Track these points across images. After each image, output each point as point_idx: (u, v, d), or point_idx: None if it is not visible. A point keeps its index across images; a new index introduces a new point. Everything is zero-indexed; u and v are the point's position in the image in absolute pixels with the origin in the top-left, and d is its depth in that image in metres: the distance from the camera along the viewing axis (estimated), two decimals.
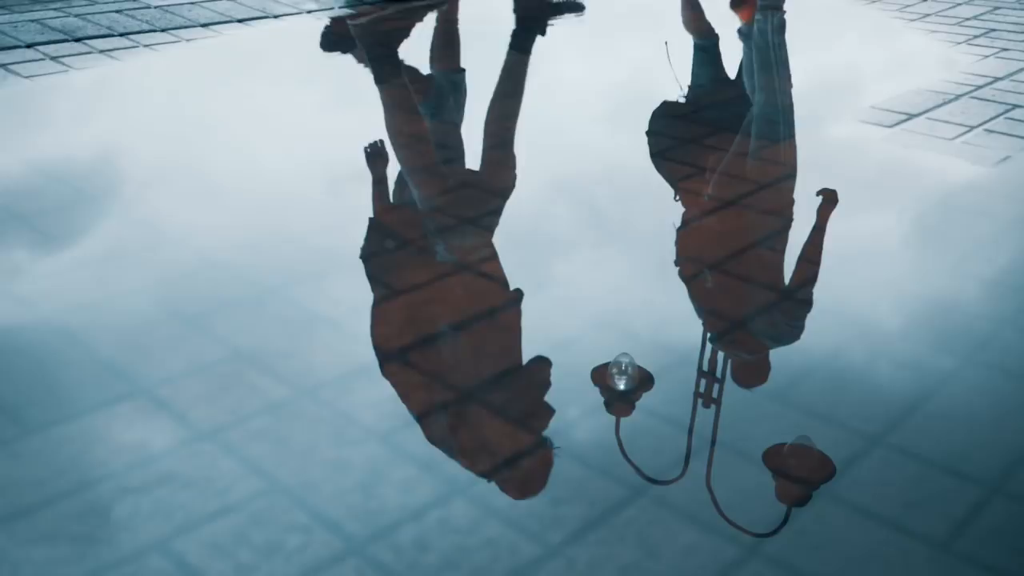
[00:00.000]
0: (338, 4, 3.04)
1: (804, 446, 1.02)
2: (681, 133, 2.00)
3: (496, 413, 1.07)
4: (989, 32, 2.84)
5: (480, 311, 1.29)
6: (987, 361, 1.17)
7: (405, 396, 1.10)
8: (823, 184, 1.73)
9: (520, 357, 1.20)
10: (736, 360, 1.21)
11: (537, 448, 1.02)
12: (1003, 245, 1.50)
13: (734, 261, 1.43)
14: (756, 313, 1.30)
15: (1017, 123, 2.02)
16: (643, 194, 1.71)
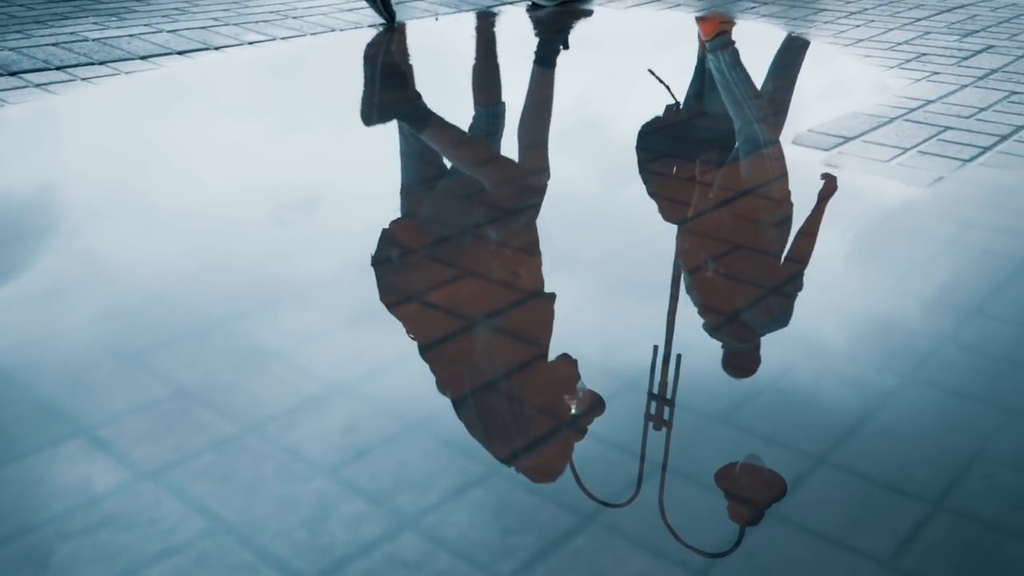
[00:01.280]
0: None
1: (755, 465, 1.03)
2: (667, 147, 2.02)
3: (519, 400, 1.10)
4: (920, 56, 2.92)
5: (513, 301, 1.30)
6: (927, 379, 1.19)
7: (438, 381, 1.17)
8: (763, 206, 1.76)
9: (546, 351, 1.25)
10: (728, 350, 1.25)
11: (557, 436, 1.05)
12: (940, 264, 1.53)
13: (734, 253, 1.47)
14: (752, 302, 1.34)
15: (949, 144, 2.07)
16: (591, 219, 1.72)
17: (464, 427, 1.09)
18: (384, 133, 2.23)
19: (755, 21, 3.53)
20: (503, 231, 1.56)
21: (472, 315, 1.34)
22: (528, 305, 1.38)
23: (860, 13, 3.62)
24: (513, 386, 1.18)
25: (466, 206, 1.70)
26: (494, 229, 1.53)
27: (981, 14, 3.61)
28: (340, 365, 1.22)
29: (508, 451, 1.05)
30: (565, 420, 1.11)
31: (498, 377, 1.20)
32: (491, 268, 1.47)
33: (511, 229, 1.55)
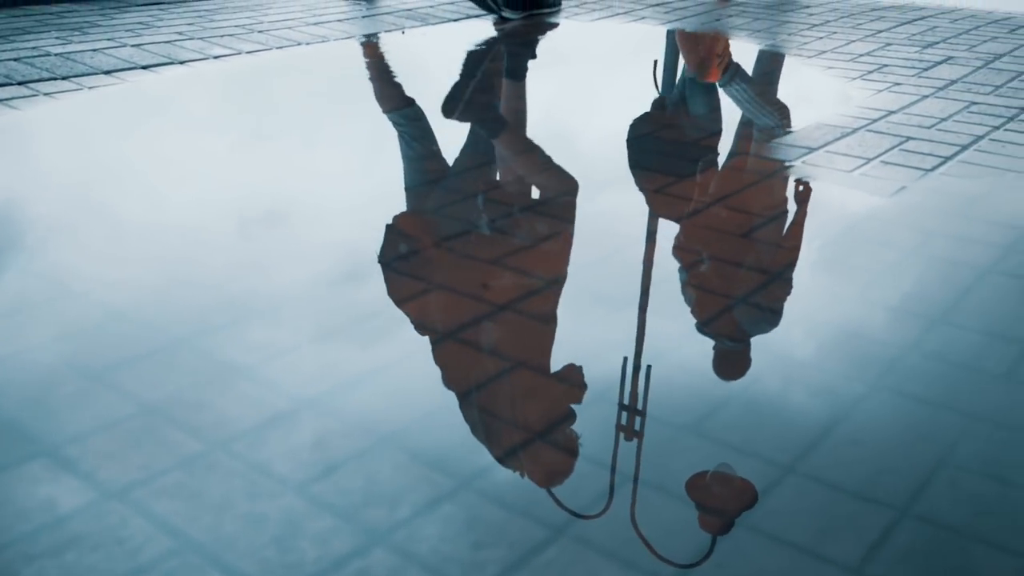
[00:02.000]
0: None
1: (725, 475, 1.04)
2: (658, 146, 2.03)
3: (526, 404, 1.11)
4: (882, 68, 2.96)
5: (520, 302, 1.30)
6: (893, 387, 1.21)
7: (444, 376, 1.21)
8: (730, 218, 1.77)
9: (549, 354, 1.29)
10: (719, 349, 1.28)
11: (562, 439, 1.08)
12: (904, 273, 1.55)
13: (727, 250, 1.52)
14: (741, 299, 1.38)
15: (911, 154, 2.10)
16: (562, 225, 1.72)
17: (435, 439, 1.09)
18: (351, 144, 2.22)
19: (719, 34, 3.56)
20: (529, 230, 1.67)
21: (479, 312, 1.34)
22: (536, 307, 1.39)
23: (823, 25, 3.67)
24: (515, 390, 1.19)
25: (473, 205, 1.76)
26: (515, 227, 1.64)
27: (941, 26, 3.66)
28: (309, 380, 1.21)
29: (507, 454, 1.04)
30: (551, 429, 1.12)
31: (503, 379, 1.20)
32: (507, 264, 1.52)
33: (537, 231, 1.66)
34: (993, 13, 3.94)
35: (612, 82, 2.98)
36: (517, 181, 1.99)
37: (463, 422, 1.13)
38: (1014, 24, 3.69)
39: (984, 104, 2.51)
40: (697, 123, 2.50)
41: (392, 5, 3.94)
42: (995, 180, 1.95)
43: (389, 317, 1.38)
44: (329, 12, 3.74)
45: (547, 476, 1.03)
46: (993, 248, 1.61)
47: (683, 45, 3.41)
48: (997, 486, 1.02)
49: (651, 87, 2.88)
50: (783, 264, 1.56)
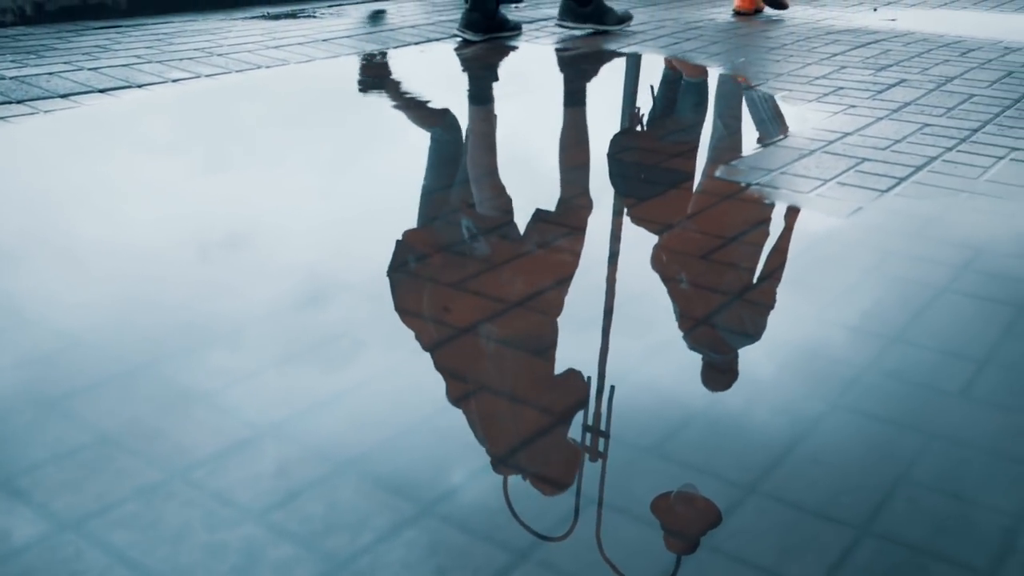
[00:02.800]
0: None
1: (689, 496, 1.04)
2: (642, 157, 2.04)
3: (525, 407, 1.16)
4: (838, 90, 3.01)
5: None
6: (852, 405, 1.22)
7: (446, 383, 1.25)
8: (691, 240, 1.78)
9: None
10: (706, 361, 1.31)
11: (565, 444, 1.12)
12: (861, 292, 1.57)
13: (707, 262, 1.57)
14: (724, 310, 1.43)
15: (867, 175, 2.13)
16: (526, 246, 1.73)
17: (397, 464, 1.08)
18: (312, 167, 2.21)
19: (676, 57, 3.60)
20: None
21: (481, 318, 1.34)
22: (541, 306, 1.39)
23: (779, 49, 3.72)
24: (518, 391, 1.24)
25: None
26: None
27: (894, 49, 3.73)
28: (270, 405, 1.20)
29: (508, 452, 1.04)
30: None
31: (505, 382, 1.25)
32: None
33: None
34: (944, 37, 4.03)
35: (578, 105, 3.00)
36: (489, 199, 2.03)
37: (426, 445, 1.12)
38: (964, 47, 3.77)
39: (937, 126, 2.56)
40: (670, 141, 2.52)
41: (351, 29, 3.94)
42: (948, 200, 1.99)
43: (352, 340, 1.37)
44: (289, 35, 3.73)
45: (564, 467, 1.08)
46: (948, 267, 1.64)
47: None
48: (954, 503, 1.03)
49: (627, 110, 2.90)
50: (761, 286, 1.58)
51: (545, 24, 4.22)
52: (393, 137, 2.52)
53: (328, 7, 4.54)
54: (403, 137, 2.54)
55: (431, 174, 2.20)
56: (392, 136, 2.52)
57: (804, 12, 4.77)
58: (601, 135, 2.61)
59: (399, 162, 2.30)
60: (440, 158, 2.34)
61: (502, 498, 1.03)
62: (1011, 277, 1.61)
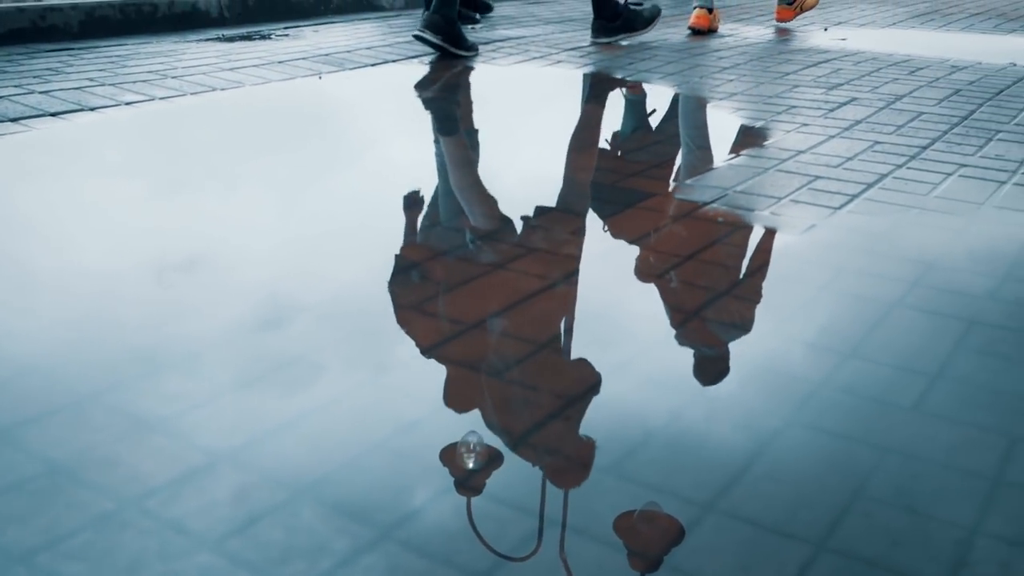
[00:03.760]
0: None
1: (649, 515, 1.04)
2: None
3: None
4: (790, 109, 3.05)
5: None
6: (807, 421, 1.23)
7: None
8: (651, 260, 1.80)
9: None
10: (697, 356, 1.36)
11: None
12: (815, 309, 1.59)
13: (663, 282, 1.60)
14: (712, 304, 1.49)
15: (820, 193, 2.16)
16: (484, 267, 1.73)
17: (356, 488, 1.08)
18: (268, 190, 2.20)
19: (632, 78, 3.63)
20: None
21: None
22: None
23: (732, 68, 3.77)
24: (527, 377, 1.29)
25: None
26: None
27: (845, 68, 3.79)
28: (226, 431, 1.18)
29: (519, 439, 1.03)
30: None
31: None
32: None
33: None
34: (893, 56, 4.10)
35: (539, 125, 3.01)
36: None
37: (386, 467, 1.12)
38: (913, 66, 3.84)
39: (887, 143, 2.60)
40: (628, 160, 2.54)
41: (307, 50, 3.93)
42: (899, 217, 2.02)
43: (310, 363, 1.36)
44: (245, 57, 3.71)
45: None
46: (899, 283, 1.66)
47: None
48: (909, 517, 1.04)
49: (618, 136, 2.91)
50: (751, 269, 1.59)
51: (501, 45, 4.24)
52: (351, 159, 2.51)
53: (284, 29, 4.53)
54: (361, 159, 2.53)
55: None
56: (350, 158, 2.52)
57: (756, 32, 4.84)
58: (561, 155, 2.62)
59: (357, 184, 2.29)
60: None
61: (462, 520, 1.03)
62: (961, 292, 1.63)
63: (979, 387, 1.32)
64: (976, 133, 2.72)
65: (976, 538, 1.01)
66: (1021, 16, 5.75)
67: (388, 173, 2.39)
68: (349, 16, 5.07)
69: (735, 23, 5.17)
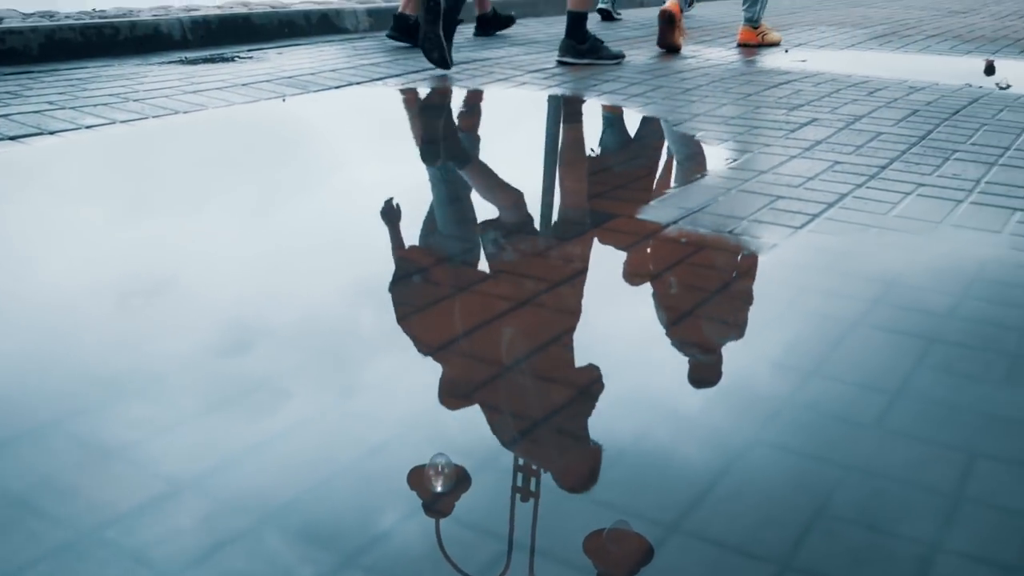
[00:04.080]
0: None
1: (620, 532, 1.04)
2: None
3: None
4: (752, 129, 3.08)
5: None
6: (771, 440, 1.24)
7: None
8: (614, 279, 1.81)
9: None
10: (662, 375, 1.39)
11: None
12: (778, 327, 1.60)
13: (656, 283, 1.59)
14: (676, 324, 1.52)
15: (782, 213, 2.19)
16: (451, 287, 1.73)
17: (321, 514, 1.07)
18: (231, 213, 2.19)
19: (597, 99, 3.66)
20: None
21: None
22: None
23: (695, 90, 3.81)
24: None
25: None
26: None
27: (805, 89, 3.85)
28: (190, 458, 1.17)
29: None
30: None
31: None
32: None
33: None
34: (852, 77, 4.16)
35: (504, 146, 3.02)
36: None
37: (352, 492, 1.11)
38: (871, 87, 3.90)
39: (847, 163, 2.64)
40: (591, 181, 2.55)
41: (271, 73, 3.93)
42: (859, 236, 2.05)
43: (275, 387, 1.35)
44: (208, 80, 3.70)
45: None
46: (861, 302, 1.68)
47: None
48: (871, 535, 1.05)
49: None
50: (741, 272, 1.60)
51: (467, 66, 4.26)
52: (315, 181, 2.50)
53: (248, 51, 4.52)
54: (325, 181, 2.52)
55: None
56: (313, 180, 2.51)
57: (719, 53, 4.89)
58: (525, 176, 2.63)
59: (321, 206, 2.29)
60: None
61: (429, 544, 1.02)
62: (921, 310, 1.66)
63: (939, 404, 1.34)
64: (933, 153, 2.76)
65: (937, 555, 1.02)
66: (976, 38, 5.87)
67: (352, 195, 2.39)
68: (313, 38, 5.07)
69: (698, 45, 5.23)
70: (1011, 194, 2.34)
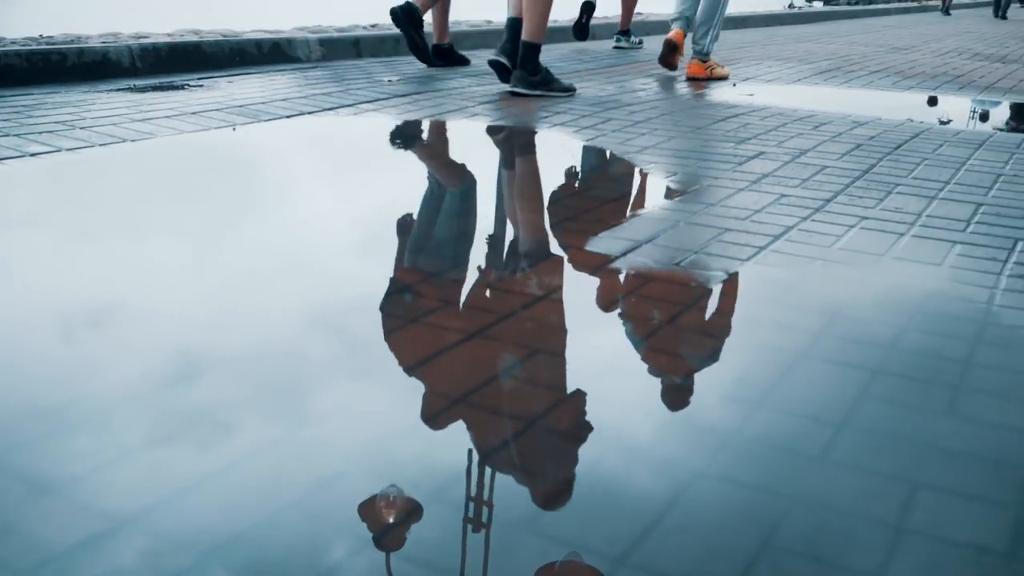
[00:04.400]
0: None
1: (575, 562, 1.04)
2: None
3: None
4: (701, 162, 3.13)
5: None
6: (718, 472, 1.25)
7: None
8: (562, 311, 1.81)
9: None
10: (608, 408, 1.41)
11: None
12: (725, 360, 1.62)
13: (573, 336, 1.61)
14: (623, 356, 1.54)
15: (729, 245, 2.21)
16: (399, 320, 1.72)
17: (268, 549, 1.05)
18: (178, 242, 2.16)
19: (548, 131, 3.69)
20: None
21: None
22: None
23: (644, 122, 3.85)
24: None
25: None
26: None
27: (752, 123, 3.91)
28: (133, 493, 1.15)
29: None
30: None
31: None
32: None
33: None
34: (798, 111, 4.25)
35: (455, 178, 3.03)
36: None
37: (299, 527, 1.10)
38: (817, 121, 3.98)
39: (793, 196, 2.68)
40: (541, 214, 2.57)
41: (222, 101, 3.90)
42: (805, 268, 2.08)
43: (221, 420, 1.33)
44: (157, 108, 3.67)
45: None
46: (805, 334, 1.71)
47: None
48: (816, 567, 1.06)
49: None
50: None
51: (418, 97, 4.27)
52: (263, 211, 2.49)
53: (198, 79, 4.49)
54: (274, 211, 2.51)
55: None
56: (262, 210, 2.49)
57: (667, 87, 4.96)
58: (475, 208, 2.64)
59: (269, 236, 2.27)
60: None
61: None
62: (864, 342, 1.68)
63: (882, 435, 1.36)
64: (876, 186, 2.82)
65: None
66: (917, 74, 6.02)
67: (301, 224, 2.38)
68: (265, 67, 5.06)
69: (648, 78, 5.30)
70: (951, 227, 2.40)
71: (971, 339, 1.70)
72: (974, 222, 2.45)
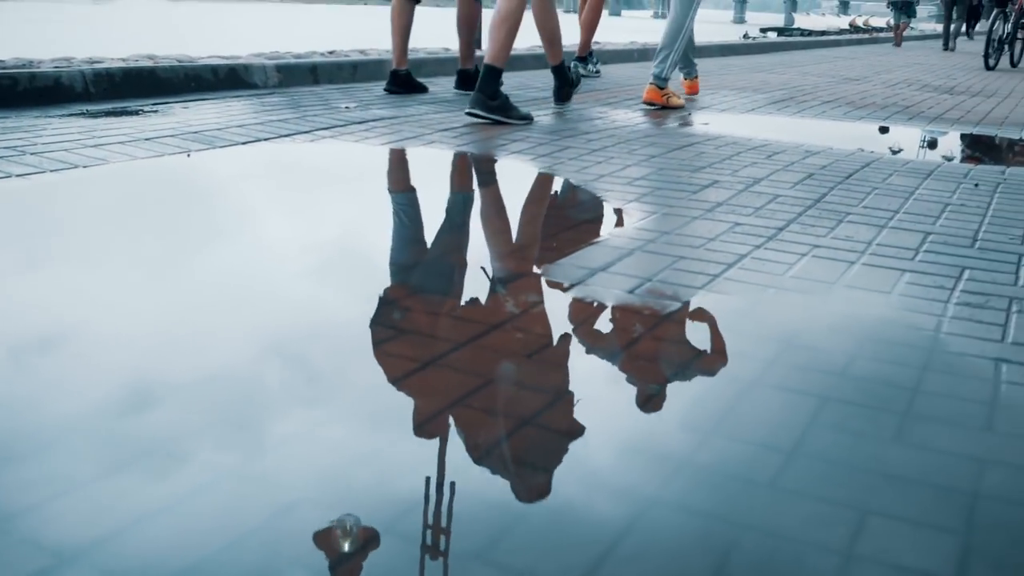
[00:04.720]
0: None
1: None
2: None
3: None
4: (656, 191, 3.16)
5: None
6: (671, 501, 1.25)
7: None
8: (516, 339, 1.82)
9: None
10: (562, 436, 1.41)
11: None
12: (678, 388, 1.63)
13: (532, 362, 1.47)
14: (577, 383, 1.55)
15: (683, 273, 2.24)
16: (356, 348, 1.71)
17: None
18: (131, 269, 2.14)
19: (505, 159, 3.71)
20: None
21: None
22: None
23: (601, 151, 3.89)
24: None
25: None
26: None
27: (707, 151, 3.96)
28: (80, 527, 1.13)
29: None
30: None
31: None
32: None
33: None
34: (752, 140, 4.31)
35: (411, 205, 3.03)
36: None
37: (257, 556, 1.08)
38: (770, 151, 4.04)
39: (746, 224, 2.72)
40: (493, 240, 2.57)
41: (176, 127, 3.88)
42: (758, 296, 2.10)
43: (176, 448, 1.32)
44: (110, 134, 3.64)
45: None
46: (758, 361, 1.73)
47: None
48: None
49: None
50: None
51: (375, 125, 4.27)
52: (217, 238, 2.47)
53: (153, 105, 4.46)
54: (228, 238, 2.49)
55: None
56: (216, 237, 2.48)
57: (624, 115, 5.01)
58: (431, 236, 2.64)
59: (222, 263, 2.25)
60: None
61: None
62: (815, 369, 1.71)
63: (832, 462, 1.37)
64: (828, 215, 2.87)
65: None
66: (868, 104, 6.14)
67: (255, 251, 2.36)
68: (221, 93, 5.04)
69: (604, 106, 5.35)
70: (900, 256, 2.44)
71: (919, 366, 1.73)
72: (922, 250, 2.50)
